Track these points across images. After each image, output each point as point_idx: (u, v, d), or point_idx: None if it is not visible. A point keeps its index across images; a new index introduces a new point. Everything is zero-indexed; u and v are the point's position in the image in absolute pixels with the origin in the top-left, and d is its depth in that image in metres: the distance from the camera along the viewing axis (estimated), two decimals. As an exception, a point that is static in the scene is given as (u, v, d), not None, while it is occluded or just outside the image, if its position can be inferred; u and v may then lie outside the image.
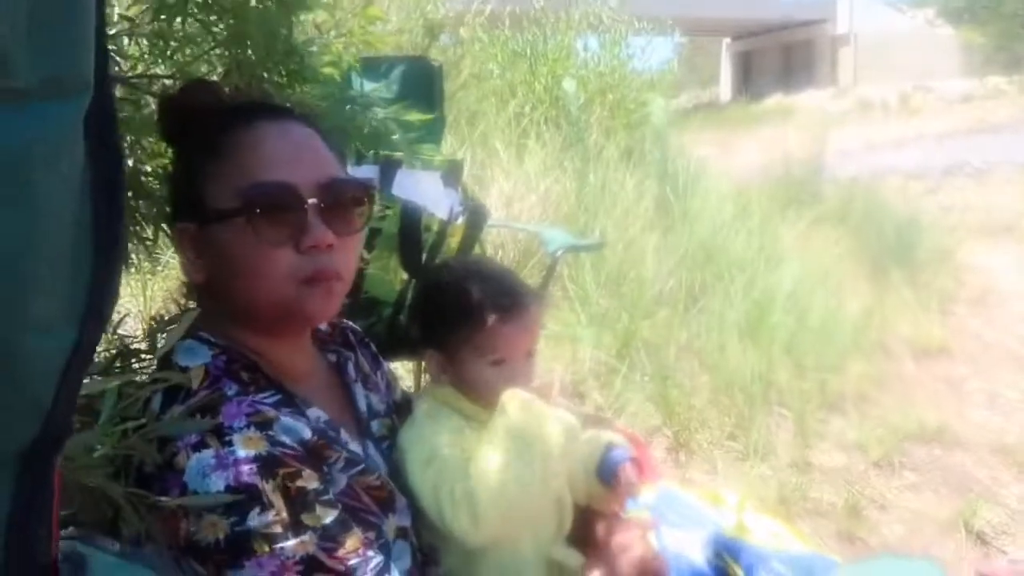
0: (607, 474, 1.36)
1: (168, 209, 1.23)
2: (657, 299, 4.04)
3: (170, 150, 1.27)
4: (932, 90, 16.00)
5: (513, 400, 1.21)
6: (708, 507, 1.56)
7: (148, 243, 1.53)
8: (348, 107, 2.03)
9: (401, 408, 1.43)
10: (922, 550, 2.63)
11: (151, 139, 1.45)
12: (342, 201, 1.14)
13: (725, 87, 20.45)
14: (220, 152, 1.10)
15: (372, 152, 2.42)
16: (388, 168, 2.49)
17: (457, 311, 1.29)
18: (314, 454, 1.06)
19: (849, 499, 2.86)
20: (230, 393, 1.04)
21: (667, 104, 6.10)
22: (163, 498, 0.94)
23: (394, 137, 2.10)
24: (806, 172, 6.86)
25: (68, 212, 0.48)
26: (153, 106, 1.35)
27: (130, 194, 1.56)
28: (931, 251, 5.90)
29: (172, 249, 1.37)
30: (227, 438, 0.98)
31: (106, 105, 0.51)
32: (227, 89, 1.26)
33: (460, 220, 2.15)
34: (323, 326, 1.32)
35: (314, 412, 1.12)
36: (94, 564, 0.66)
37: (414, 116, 2.23)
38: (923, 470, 3.18)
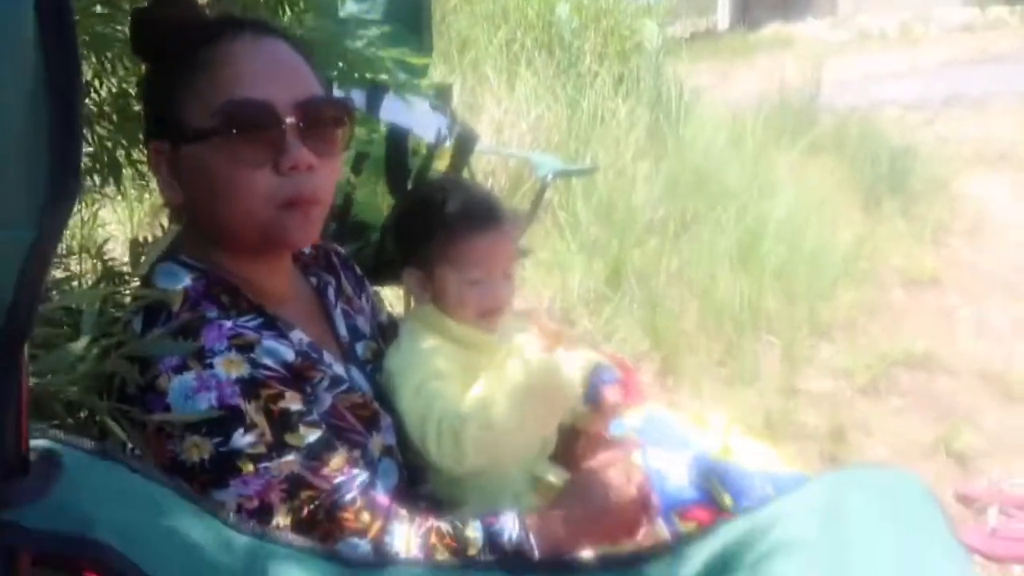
0: (592, 395, 1.37)
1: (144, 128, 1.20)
2: (648, 227, 4.03)
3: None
4: (932, 20, 15.70)
5: (520, 349, 1.19)
6: (694, 430, 1.57)
7: (138, 166, 1.51)
8: (340, 32, 2.00)
9: (387, 331, 1.44)
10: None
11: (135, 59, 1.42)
12: (322, 121, 1.11)
13: (723, 15, 20.03)
14: (194, 68, 1.07)
15: (359, 75, 2.38)
16: (375, 92, 2.45)
17: (433, 223, 1.29)
18: (297, 375, 1.06)
19: (834, 423, 2.90)
20: (211, 316, 1.04)
21: (662, 32, 5.95)
22: (149, 415, 0.95)
23: (392, 70, 2.07)
24: (802, 102, 6.77)
25: (21, 111, 0.47)
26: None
27: (115, 116, 1.53)
28: (926, 181, 5.86)
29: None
30: (208, 361, 0.98)
31: (60, 5, 0.50)
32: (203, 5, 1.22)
33: (448, 144, 2.13)
34: (306, 249, 1.31)
35: (296, 335, 1.12)
36: (67, 460, 0.67)
37: (416, 59, 2.20)
38: (908, 395, 3.23)
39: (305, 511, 0.99)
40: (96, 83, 1.49)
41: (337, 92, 2.28)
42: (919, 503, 0.90)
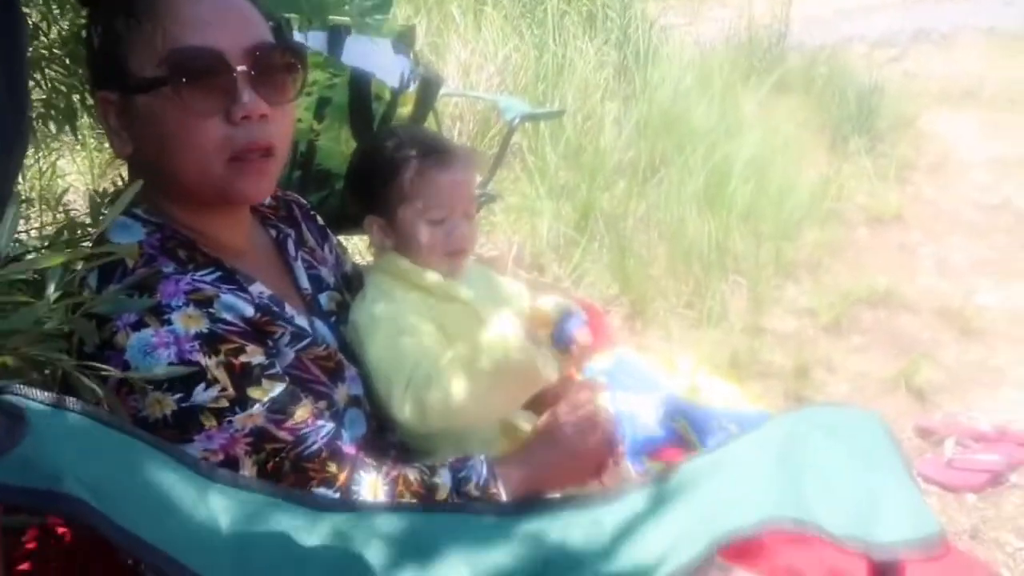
0: (561, 339, 1.38)
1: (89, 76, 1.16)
2: (617, 170, 4.02)
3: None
4: (903, -48, 15.62)
5: (504, 327, 1.17)
6: (663, 371, 1.60)
7: (95, 112, 1.47)
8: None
9: (352, 281, 1.43)
10: (864, 407, 2.75)
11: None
12: (273, 67, 1.08)
13: (693, -50, 19.81)
14: (138, 15, 1.03)
15: (319, 19, 2.32)
16: (336, 35, 2.39)
17: (390, 165, 1.29)
18: (258, 329, 1.05)
19: (798, 361, 2.96)
20: (167, 271, 1.02)
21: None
22: (114, 371, 0.94)
23: (345, 7, 2.01)
24: (771, 40, 6.73)
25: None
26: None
27: (67, 60, 1.49)
28: (893, 119, 5.88)
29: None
30: (166, 316, 0.97)
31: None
32: None
33: (412, 88, 2.09)
34: (266, 200, 1.30)
35: (256, 287, 1.11)
36: (32, 414, 0.67)
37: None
38: (870, 333, 3.29)
39: (271, 464, 0.99)
40: (44, 26, 1.45)
41: (298, 35, 2.23)
42: (876, 440, 0.93)
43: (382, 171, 1.30)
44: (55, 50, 1.45)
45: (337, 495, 1.02)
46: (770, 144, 4.61)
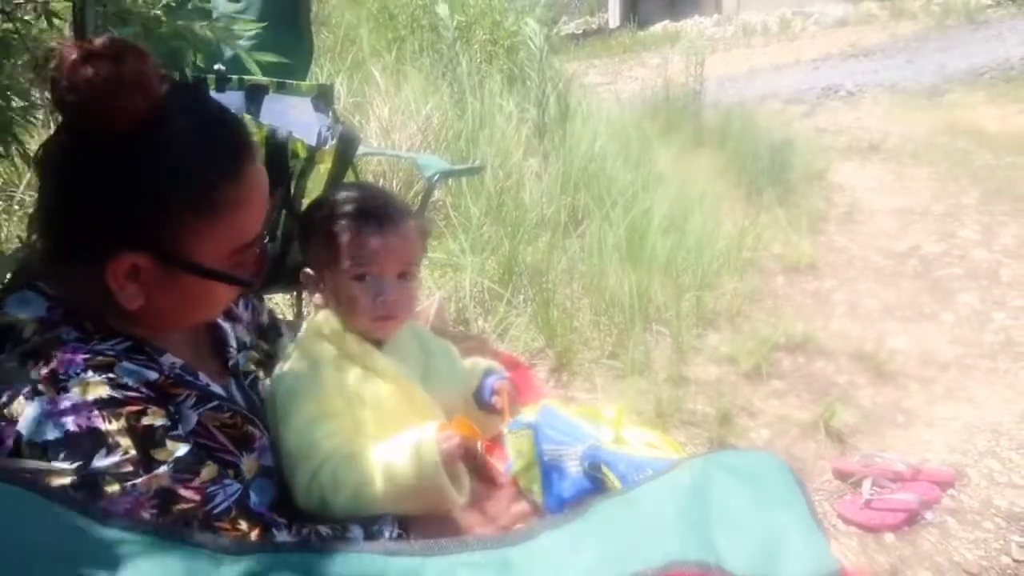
0: (487, 396, 1.38)
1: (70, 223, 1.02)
2: (539, 224, 4.08)
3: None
4: (810, 15, 16.45)
5: (427, 440, 1.15)
6: (587, 423, 1.61)
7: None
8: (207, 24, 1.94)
9: (267, 332, 1.41)
10: (785, 451, 2.81)
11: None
12: None
13: (613, 13, 20.49)
14: (209, 206, 1.01)
15: (237, 77, 2.33)
16: (255, 93, 2.39)
17: (321, 219, 1.29)
18: (160, 392, 1.02)
19: (721, 409, 3.00)
20: (67, 338, 0.98)
21: (546, 30, 6.01)
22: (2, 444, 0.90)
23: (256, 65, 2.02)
24: (688, 97, 6.97)
25: None
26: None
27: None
28: (804, 172, 6.13)
29: (24, 186, 1.23)
30: (63, 384, 0.93)
31: None
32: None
33: (329, 145, 2.10)
34: None
35: (168, 359, 1.08)
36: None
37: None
38: (788, 378, 3.36)
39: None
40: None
41: (215, 94, 2.23)
42: (781, 483, 0.95)
43: (314, 223, 1.30)
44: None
45: None
46: (688, 197, 4.74)
